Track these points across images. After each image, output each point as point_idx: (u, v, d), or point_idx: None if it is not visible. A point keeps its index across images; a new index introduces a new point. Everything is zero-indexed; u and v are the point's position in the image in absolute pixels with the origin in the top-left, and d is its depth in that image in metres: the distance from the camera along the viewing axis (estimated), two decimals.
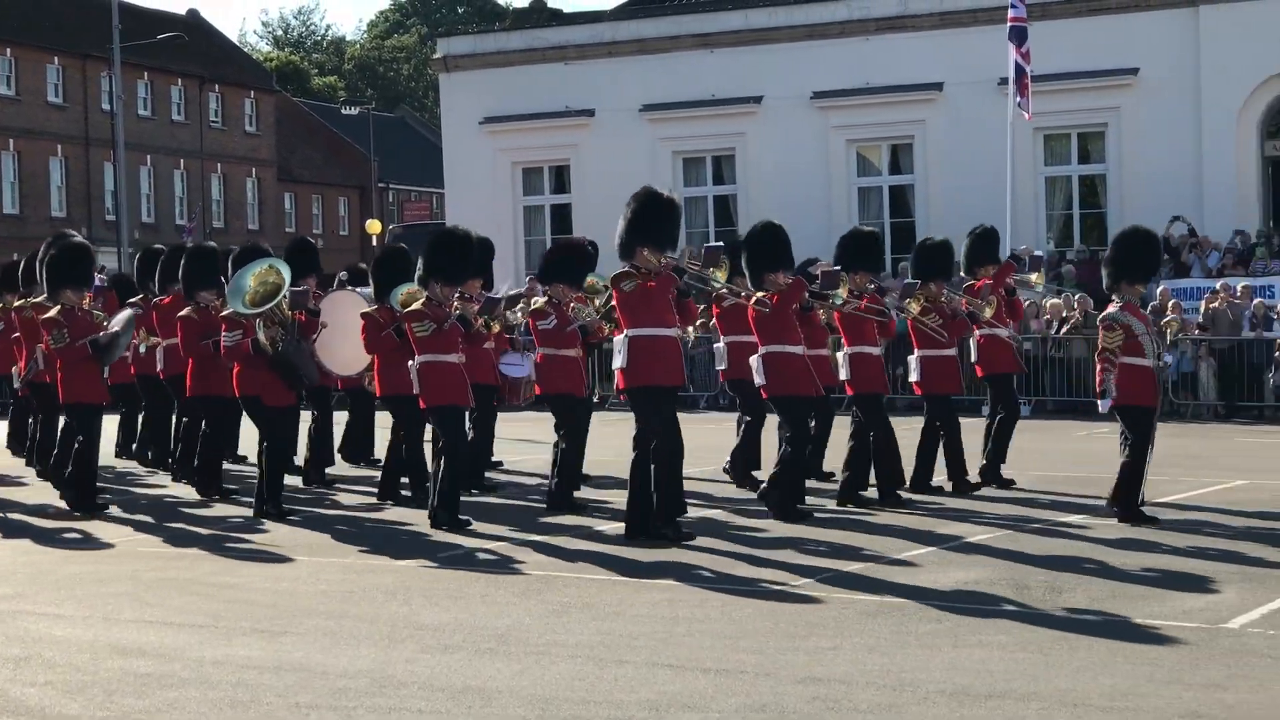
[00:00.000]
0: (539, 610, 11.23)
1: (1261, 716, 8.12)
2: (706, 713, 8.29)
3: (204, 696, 8.75)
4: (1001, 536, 14.30)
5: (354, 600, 11.72)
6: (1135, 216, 32.88)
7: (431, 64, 51.48)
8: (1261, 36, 36.50)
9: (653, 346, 13.46)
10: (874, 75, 39.91)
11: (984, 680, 8.95)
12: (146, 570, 13.20)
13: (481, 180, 43.80)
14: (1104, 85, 37.94)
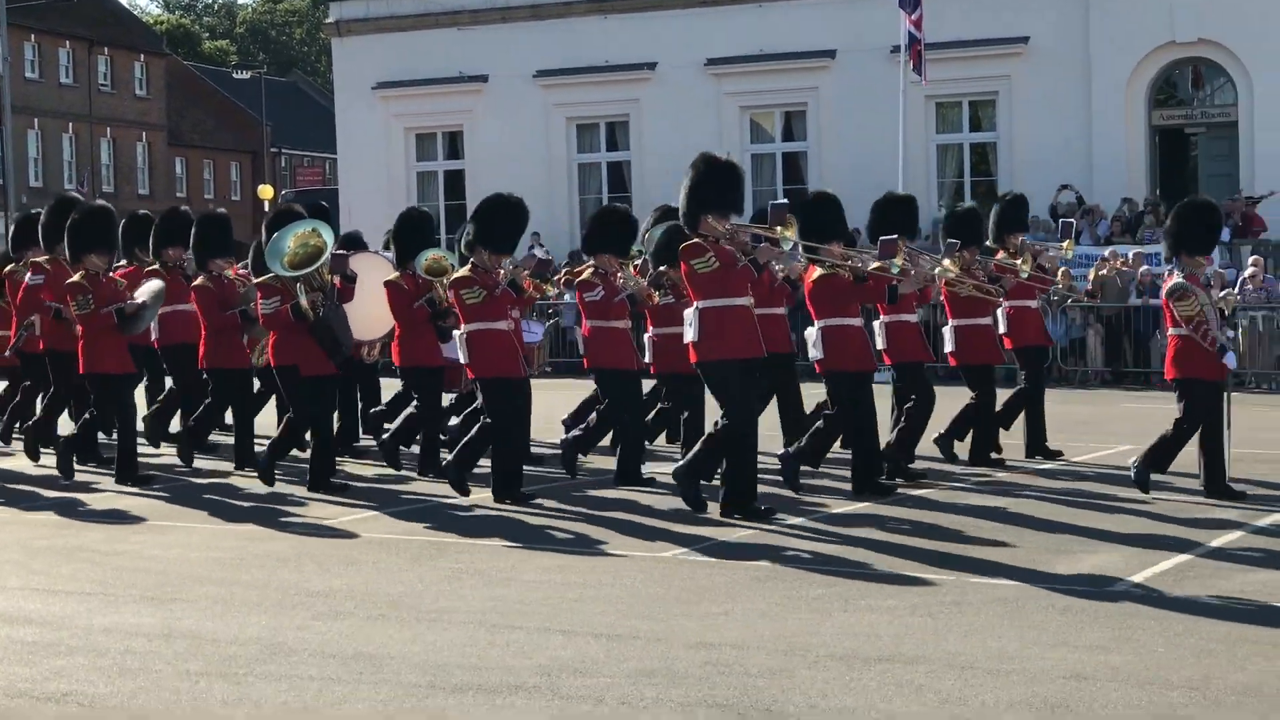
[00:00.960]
0: (431, 577, 11.23)
1: (1144, 677, 8.23)
2: (598, 677, 8.32)
3: (92, 664, 8.70)
4: (899, 504, 14.40)
5: (244, 567, 11.68)
6: (1025, 185, 33.13)
7: (324, 28, 51.30)
8: (1149, 7, 36.84)
9: (730, 319, 13.06)
10: (767, 42, 39.97)
11: (873, 644, 9.03)
12: (35, 538, 13.11)
13: (374, 146, 43.66)
14: (995, 54, 38.18)
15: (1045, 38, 37.96)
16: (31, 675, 8.49)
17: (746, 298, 13.18)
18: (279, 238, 14.80)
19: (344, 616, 9.91)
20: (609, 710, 7.71)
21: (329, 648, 9.07)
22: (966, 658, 8.71)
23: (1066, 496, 14.71)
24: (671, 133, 40.38)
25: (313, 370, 14.80)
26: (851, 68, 38.90)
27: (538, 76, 42.07)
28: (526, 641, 9.18)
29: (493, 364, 14.12)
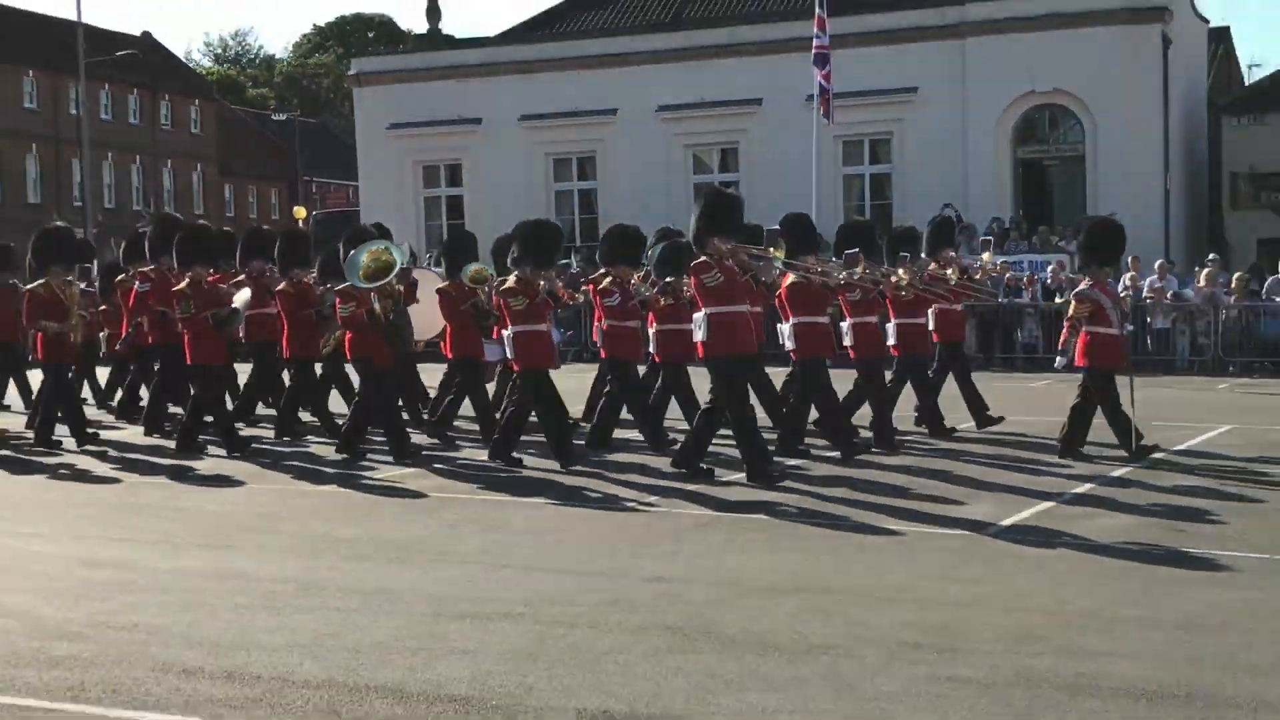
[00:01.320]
0: (436, 525, 11.19)
1: (1009, 605, 8.27)
2: (571, 606, 8.29)
3: (158, 600, 8.64)
4: (819, 465, 14.32)
5: (283, 519, 11.61)
6: (915, 208, 33.27)
7: (347, 79, 50.98)
8: (1014, 62, 37.01)
9: (730, 323, 12.88)
10: (706, 93, 39.99)
11: (793, 578, 9.04)
12: (111, 496, 13.00)
13: (388, 175, 43.59)
14: (890, 101, 38.21)
15: (931, 88, 38.05)
16: (108, 609, 8.41)
17: (745, 305, 13.07)
18: (356, 254, 14.70)
19: (365, 559, 9.86)
20: (580, 633, 7.67)
21: (353, 584, 9.02)
22: (868, 588, 8.74)
23: (949, 458, 14.68)
24: (630, 166, 40.52)
25: (382, 361, 14.80)
26: (774, 113, 38.94)
27: (522, 120, 42.00)
28: (513, 578, 9.15)
29: (534, 358, 14.06)
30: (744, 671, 6.92)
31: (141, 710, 6.42)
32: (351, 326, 14.82)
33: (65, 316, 16.15)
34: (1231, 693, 6.52)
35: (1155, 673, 6.84)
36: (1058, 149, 38.24)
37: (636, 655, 7.23)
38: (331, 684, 6.79)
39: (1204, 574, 9.13)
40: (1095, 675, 6.81)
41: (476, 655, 7.25)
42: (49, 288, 16.15)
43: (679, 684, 6.72)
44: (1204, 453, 14.73)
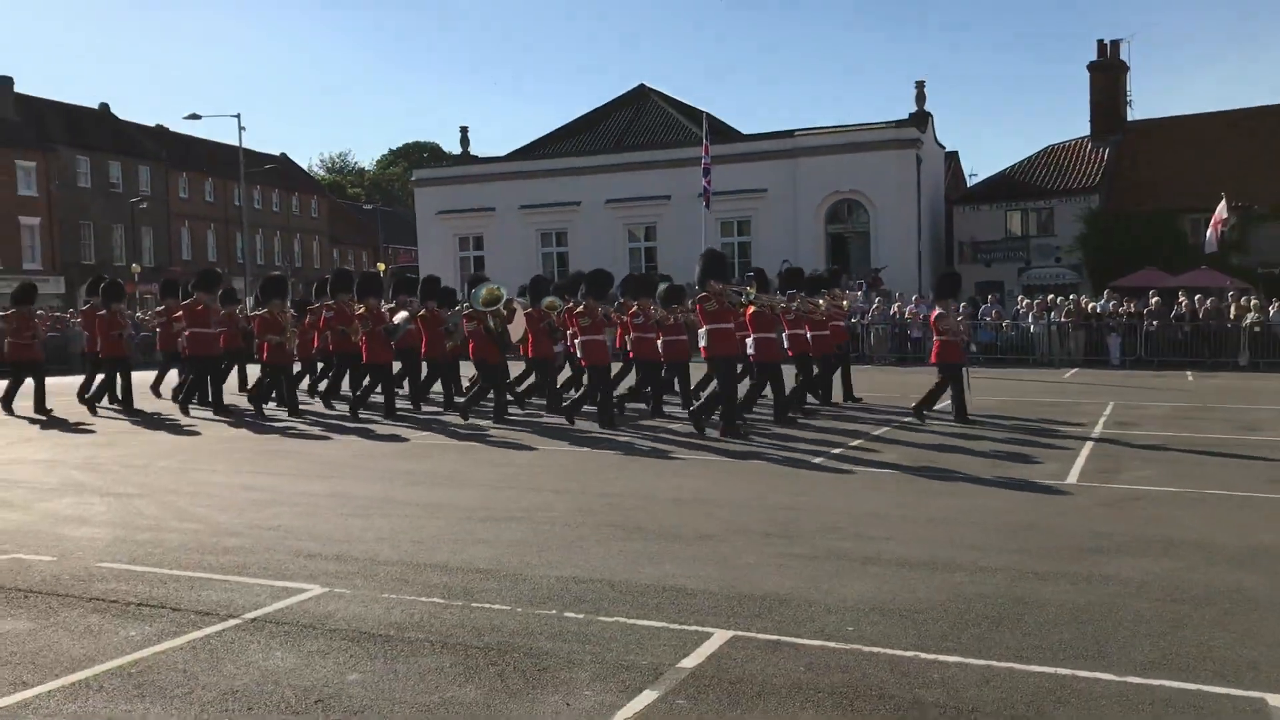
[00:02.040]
0: (467, 461, 11.12)
1: (823, 508, 8.30)
2: (553, 512, 8.28)
3: (290, 510, 8.57)
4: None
5: (371, 458, 11.52)
6: (765, 265, 33.18)
7: (411, 183, 50.49)
8: (825, 172, 37.35)
9: (723, 334, 12.80)
10: (637, 191, 40.07)
11: (691, 493, 9.04)
12: (258, 447, 12.86)
13: (437, 244, 43.45)
14: (749, 196, 38.38)
15: (775, 188, 38.26)
16: (260, 517, 8.33)
17: (731, 323, 12.94)
18: (477, 289, 15.06)
19: (420, 484, 9.79)
20: (558, 530, 7.67)
21: (414, 499, 8.97)
22: (737, 499, 8.74)
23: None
24: (590, 237, 40.51)
25: (494, 360, 14.81)
26: (678, 204, 39.00)
27: (521, 208, 41.93)
28: (516, 496, 9.11)
29: (597, 357, 13.96)
30: (660, 552, 6.94)
31: (282, 580, 6.38)
32: (475, 337, 14.79)
33: (282, 333, 15.81)
34: (960, 562, 6.61)
35: (915, 551, 6.92)
36: (853, 227, 38.42)
37: (593, 542, 7.24)
38: (402, 562, 6.78)
39: (947, 485, 9.22)
40: (878, 552, 6.88)
41: (493, 544, 7.25)
42: (272, 313, 15.86)
43: (620, 560, 6.74)
44: (941, 413, 14.87)
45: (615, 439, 12.67)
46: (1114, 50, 41.11)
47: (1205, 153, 37.38)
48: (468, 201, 43.06)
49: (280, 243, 69.38)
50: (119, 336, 16.90)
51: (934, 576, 6.26)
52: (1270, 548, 6.86)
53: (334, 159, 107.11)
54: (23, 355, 17.09)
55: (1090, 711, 4.25)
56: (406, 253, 72.64)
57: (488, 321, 14.63)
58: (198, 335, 16.34)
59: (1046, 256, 38.09)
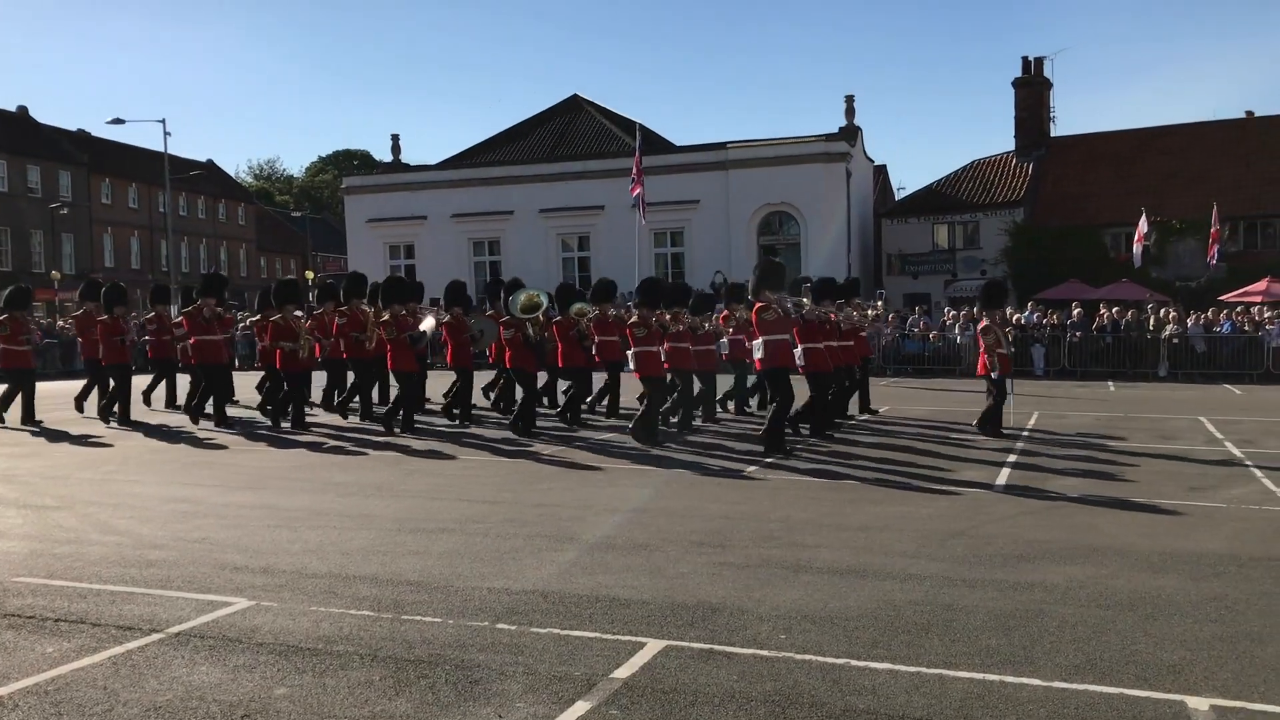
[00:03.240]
0: (398, 472, 11.00)
1: (757, 516, 8.35)
2: (485, 523, 8.22)
3: (216, 522, 8.41)
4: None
5: (300, 470, 11.34)
6: (699, 274, 33.50)
7: (340, 190, 49.93)
8: (756, 185, 37.70)
9: (779, 345, 12.15)
10: (570, 201, 40.09)
11: (624, 502, 9.03)
12: (184, 458, 12.60)
13: (367, 252, 43.04)
14: (683, 208, 38.62)
15: (707, 200, 38.59)
16: (183, 529, 8.16)
17: (788, 335, 12.39)
18: (515, 295, 14.16)
19: (351, 495, 9.66)
20: (490, 540, 7.61)
21: (343, 511, 8.85)
22: (670, 509, 8.74)
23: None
24: (522, 246, 40.51)
25: (532, 369, 14.04)
26: (611, 214, 39.15)
27: (453, 217, 41.72)
28: (448, 506, 9.03)
29: (651, 369, 13.23)
30: (594, 562, 6.92)
31: (207, 593, 6.25)
32: (512, 345, 13.93)
33: (296, 339, 15.15)
34: (891, 570, 6.68)
35: (846, 559, 6.98)
36: (784, 238, 38.83)
37: (526, 553, 7.19)
38: (331, 574, 6.67)
39: (879, 493, 9.31)
40: (810, 561, 6.93)
41: (424, 555, 7.17)
42: (284, 319, 15.24)
43: (553, 571, 6.70)
44: (887, 420, 15.03)
45: (540, 452, 12.64)
46: (1038, 67, 42.04)
47: (1125, 168, 38.38)
48: (398, 210, 42.77)
49: (206, 250, 68.22)
50: (122, 342, 16.28)
51: (865, 584, 6.31)
52: (1188, 553, 7.03)
53: (262, 166, 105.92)
54: (16, 363, 16.42)
55: (1017, 716, 4.31)
56: (335, 261, 72.07)
57: (526, 329, 13.85)
58: (204, 343, 15.59)
59: (972, 269, 38.78)
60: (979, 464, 11.15)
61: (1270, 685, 4.61)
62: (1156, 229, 33.38)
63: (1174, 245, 34.92)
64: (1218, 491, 9.44)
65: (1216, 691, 4.54)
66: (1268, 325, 24.83)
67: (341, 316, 16.09)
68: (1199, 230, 32.36)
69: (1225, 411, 16.55)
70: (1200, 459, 11.48)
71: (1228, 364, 24.44)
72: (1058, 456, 11.66)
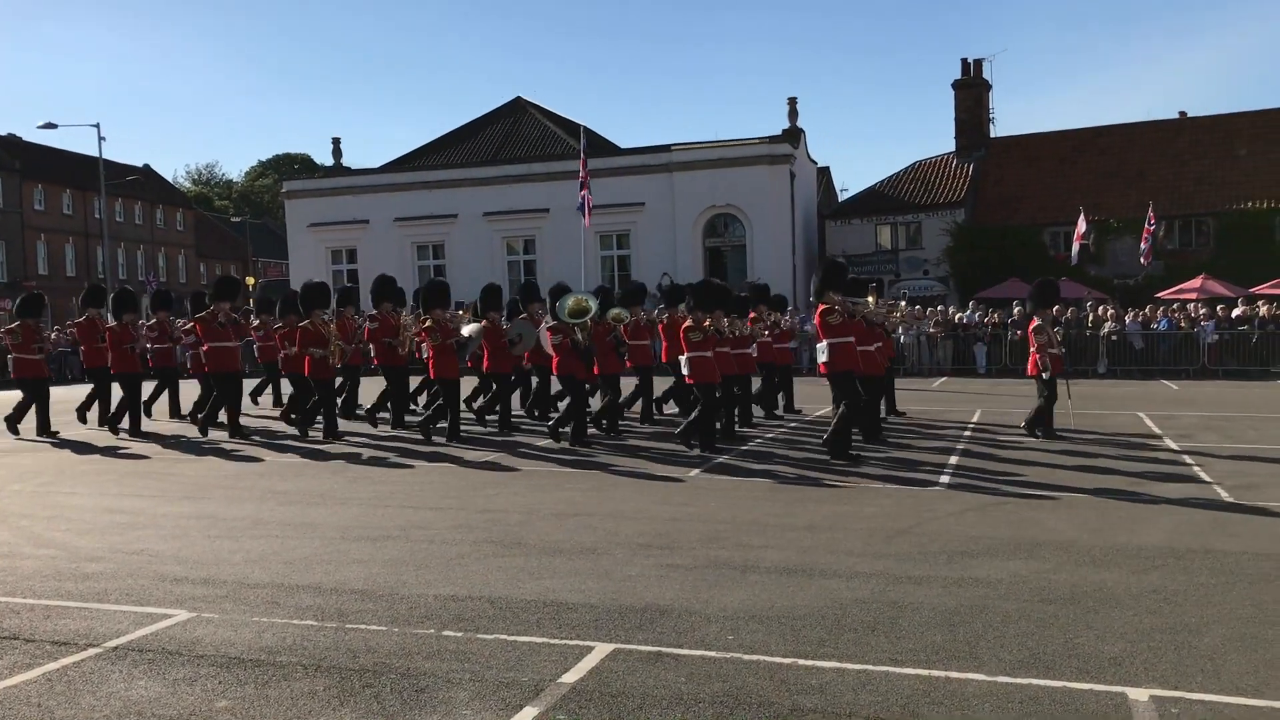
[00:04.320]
0: (342, 480, 10.88)
1: (704, 518, 8.36)
2: (431, 530, 8.16)
3: (155, 533, 8.27)
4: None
5: (242, 479, 11.18)
6: (645, 276, 33.49)
7: (281, 194, 49.31)
8: (702, 187, 37.82)
9: (845, 348, 11.61)
10: (514, 203, 39.95)
11: (570, 506, 9.01)
12: (122, 469, 12.37)
13: (308, 257, 42.55)
14: (628, 210, 38.58)
15: (652, 202, 38.57)
16: (121, 540, 8.02)
17: (852, 337, 11.83)
18: (562, 299, 13.36)
19: (294, 504, 9.54)
20: (436, 547, 7.56)
21: (286, 519, 8.74)
22: (620, 510, 8.74)
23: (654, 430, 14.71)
24: (466, 250, 40.27)
25: (581, 375, 13.30)
26: (556, 217, 39.03)
27: (396, 220, 41.38)
28: (393, 513, 8.95)
29: (705, 374, 12.27)
30: (541, 567, 6.90)
31: (145, 605, 6.14)
32: (560, 352, 13.21)
33: (325, 345, 14.47)
34: (837, 568, 6.71)
35: (793, 558, 7.02)
36: (729, 240, 38.95)
37: (472, 559, 7.15)
38: (273, 584, 6.58)
39: (824, 492, 9.37)
40: (757, 561, 6.95)
41: (369, 564, 7.10)
42: (314, 325, 14.53)
43: (500, 576, 6.66)
44: (820, 420, 15.12)
45: (499, 461, 12.57)
46: (977, 69, 42.57)
47: (1063, 168, 39.00)
48: (340, 214, 42.34)
49: (144, 256, 67.04)
50: (132, 350, 15.64)
51: (811, 583, 6.34)
52: (1129, 547, 7.15)
53: (201, 171, 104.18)
54: (28, 372, 15.86)
55: (962, 711, 4.35)
56: (276, 266, 71.15)
57: (575, 335, 13.18)
58: (218, 350, 14.90)
59: (915, 269, 39.18)
60: (924, 462, 11.26)
61: (1207, 675, 4.70)
62: (1094, 228, 33.96)
63: (1112, 244, 35.55)
64: (1157, 486, 9.62)
65: (1156, 682, 4.62)
66: (1203, 322, 25.35)
67: (373, 321, 15.56)
68: (1136, 229, 32.97)
69: (1163, 407, 16.86)
70: (1140, 454, 11.69)
71: (1165, 360, 24.94)
72: (1000, 453, 11.81)
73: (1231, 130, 37.66)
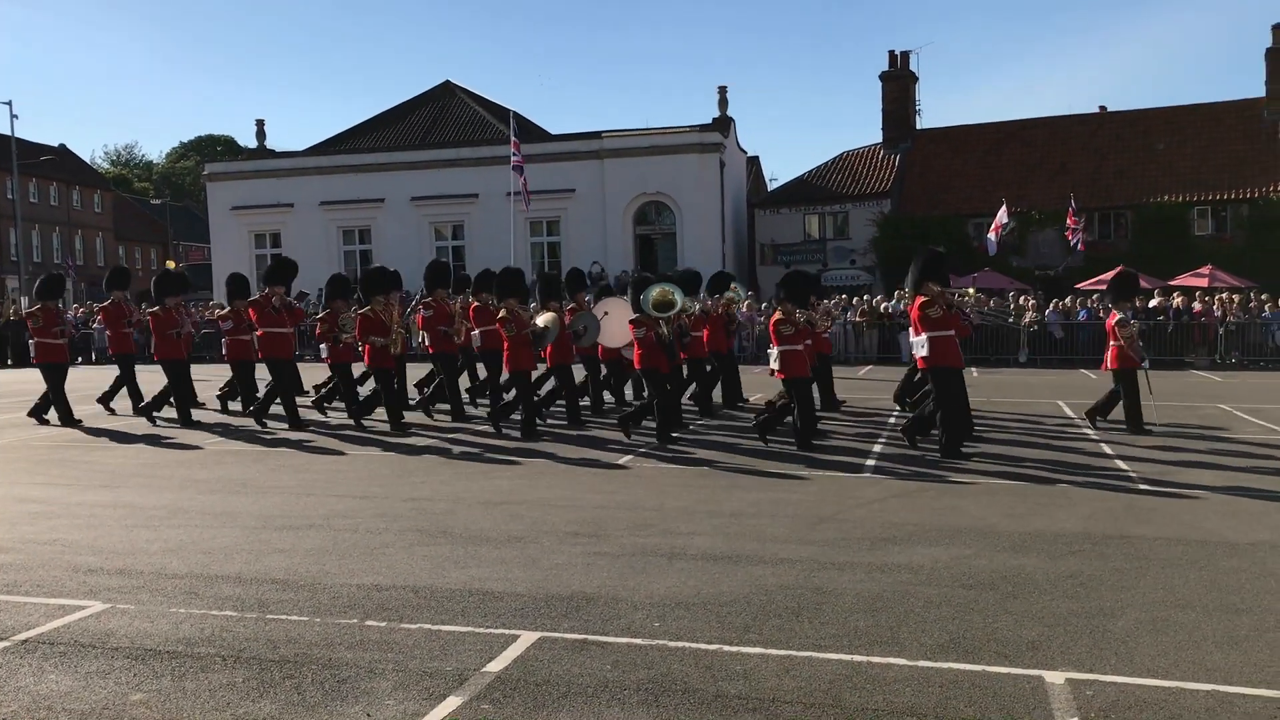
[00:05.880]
0: (264, 467, 10.72)
1: (632, 506, 8.35)
2: (355, 519, 8.07)
3: (69, 523, 8.06)
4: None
5: (160, 468, 10.95)
6: (576, 262, 33.36)
7: (203, 177, 48.27)
8: (633, 175, 37.82)
9: (945, 343, 10.85)
10: (443, 188, 39.60)
11: (499, 494, 8.97)
12: (36, 456, 12.04)
13: (231, 241, 41.86)
14: (559, 197, 38.43)
15: (583, 189, 38.50)
16: (33, 530, 7.81)
17: (953, 330, 11.01)
18: (645, 292, 12.75)
19: (215, 492, 9.38)
20: (359, 536, 7.47)
21: (206, 509, 8.58)
22: (548, 498, 8.71)
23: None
24: (394, 234, 39.85)
25: (665, 369, 12.64)
26: (485, 202, 38.82)
27: (321, 204, 40.77)
28: (316, 502, 8.83)
29: (798, 369, 11.60)
30: (467, 556, 6.85)
31: (58, 597, 5.98)
32: (644, 345, 12.46)
33: (386, 333, 13.78)
34: (763, 555, 6.77)
35: (720, 545, 7.05)
36: (660, 228, 39.02)
37: (397, 548, 7.08)
38: (191, 574, 6.46)
39: (751, 480, 9.44)
40: (684, 548, 6.98)
41: (290, 553, 7.00)
42: (374, 311, 13.81)
43: (425, 565, 6.61)
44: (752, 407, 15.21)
45: (431, 444, 12.46)
46: (904, 61, 43.05)
47: (988, 160, 39.64)
48: (264, 197, 41.63)
49: (60, 239, 65.20)
50: (177, 336, 14.92)
51: (737, 570, 6.38)
52: (1047, 533, 7.30)
53: (120, 151, 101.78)
54: (49, 356, 15.17)
55: (884, 696, 4.41)
56: (199, 250, 69.82)
57: (660, 328, 12.61)
58: (272, 336, 14.36)
59: (843, 258, 39.59)
60: (848, 449, 11.39)
61: (1121, 658, 4.81)
62: (1017, 219, 34.58)
63: (1033, 235, 36.23)
64: (1075, 473, 9.84)
65: (1072, 665, 4.72)
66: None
67: (427, 309, 14.97)
68: (1058, 221, 33.64)
69: (1081, 396, 17.22)
70: (1059, 442, 11.94)
71: (1084, 349, 25.45)
72: (923, 441, 11.98)
73: (1149, 125, 38.57)
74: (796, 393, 11.70)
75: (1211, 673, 4.61)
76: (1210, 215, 35.43)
